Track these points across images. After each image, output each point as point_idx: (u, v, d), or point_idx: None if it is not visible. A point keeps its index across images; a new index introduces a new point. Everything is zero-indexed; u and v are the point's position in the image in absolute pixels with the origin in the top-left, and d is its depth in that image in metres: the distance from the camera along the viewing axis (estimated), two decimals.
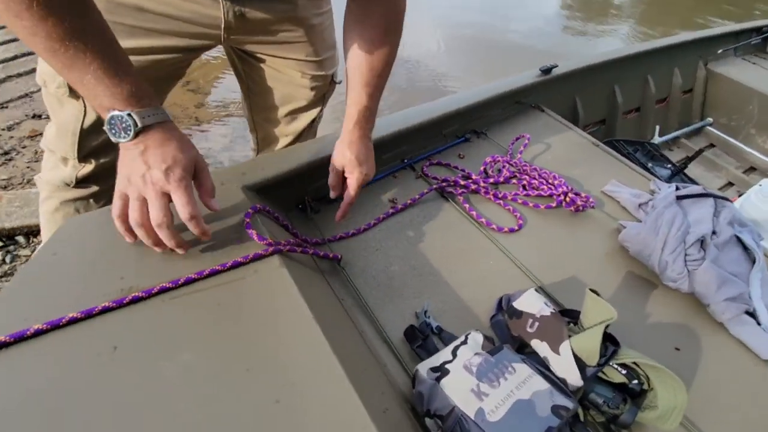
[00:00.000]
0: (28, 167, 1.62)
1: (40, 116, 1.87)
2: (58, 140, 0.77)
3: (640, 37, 3.71)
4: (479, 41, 3.29)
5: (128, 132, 0.50)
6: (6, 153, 1.67)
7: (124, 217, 0.53)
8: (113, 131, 0.51)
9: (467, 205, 0.86)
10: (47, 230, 0.88)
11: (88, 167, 0.80)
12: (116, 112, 0.50)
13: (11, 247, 1.32)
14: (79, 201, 0.84)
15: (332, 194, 0.73)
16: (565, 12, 4.17)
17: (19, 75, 2.07)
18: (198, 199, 0.56)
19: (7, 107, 1.90)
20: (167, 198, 0.52)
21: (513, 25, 3.63)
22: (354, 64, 0.68)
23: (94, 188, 0.83)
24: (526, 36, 3.43)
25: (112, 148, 0.72)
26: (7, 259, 1.30)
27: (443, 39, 3.26)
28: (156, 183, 0.51)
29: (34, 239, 1.36)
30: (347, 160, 0.69)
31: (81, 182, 0.81)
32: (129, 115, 0.50)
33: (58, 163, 0.81)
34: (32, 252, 1.33)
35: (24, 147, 1.71)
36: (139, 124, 0.50)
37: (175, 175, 0.52)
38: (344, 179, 0.72)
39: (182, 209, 0.52)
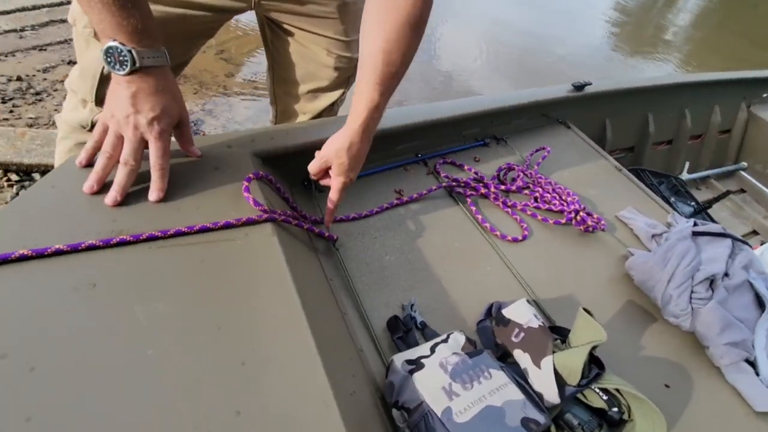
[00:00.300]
0: (55, 110, 1.65)
1: (76, 63, 1.91)
2: (81, 82, 0.78)
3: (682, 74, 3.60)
4: (519, 62, 3.22)
5: (124, 66, 0.51)
6: (37, 93, 1.71)
7: (99, 144, 0.56)
8: (109, 60, 0.51)
9: (474, 208, 0.84)
10: None
11: None
12: (116, 44, 0.51)
13: (27, 183, 1.35)
14: None
15: (312, 177, 0.69)
16: (611, 43, 4.06)
17: (62, 21, 2.11)
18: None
19: (45, 50, 1.95)
20: (144, 144, 0.55)
21: (556, 49, 3.54)
22: (370, 52, 0.61)
23: None
24: (567, 62, 3.35)
25: None
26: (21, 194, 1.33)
27: (482, 54, 3.20)
28: (138, 128, 0.53)
29: None
30: (340, 161, 0.64)
31: None
32: (129, 51, 0.51)
33: (77, 105, 0.82)
34: None
35: (55, 90, 1.75)
36: (138, 63, 0.51)
37: (160, 125, 0.54)
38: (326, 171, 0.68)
39: (158, 159, 0.54)
